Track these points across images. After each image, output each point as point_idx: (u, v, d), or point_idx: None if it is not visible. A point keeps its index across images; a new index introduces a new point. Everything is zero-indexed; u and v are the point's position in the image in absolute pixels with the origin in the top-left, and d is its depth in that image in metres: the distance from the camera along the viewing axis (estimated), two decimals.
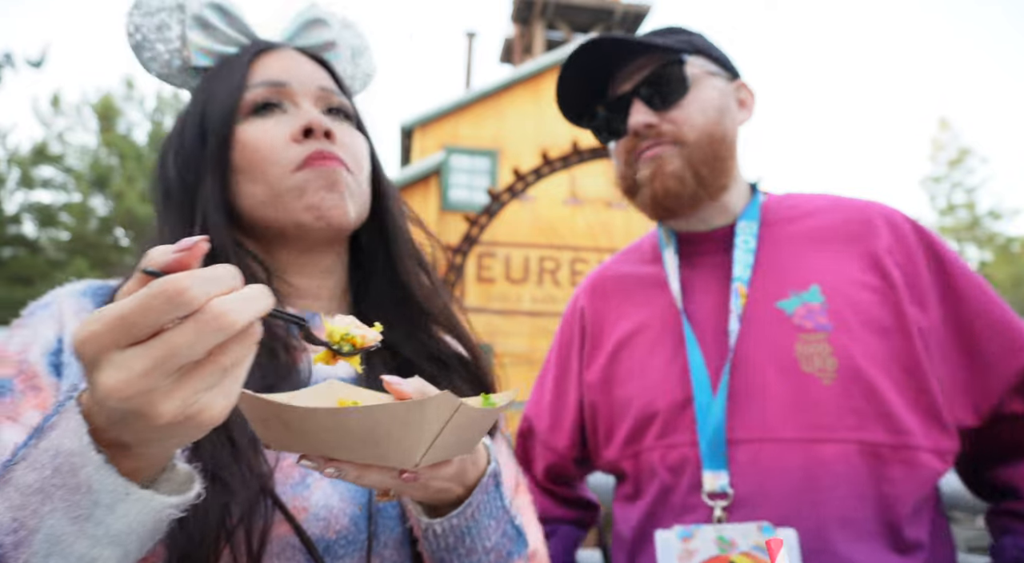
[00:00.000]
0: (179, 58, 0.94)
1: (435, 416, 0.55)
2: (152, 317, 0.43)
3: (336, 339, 0.61)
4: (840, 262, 1.15)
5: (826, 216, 1.22)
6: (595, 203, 12.63)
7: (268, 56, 0.91)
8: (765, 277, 1.17)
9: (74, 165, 20.12)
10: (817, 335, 1.09)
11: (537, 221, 12.41)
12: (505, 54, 22.14)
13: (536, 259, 12.48)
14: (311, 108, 0.88)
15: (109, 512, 0.49)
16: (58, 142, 19.97)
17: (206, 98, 0.88)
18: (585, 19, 19.11)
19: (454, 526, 0.70)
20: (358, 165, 0.90)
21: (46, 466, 0.49)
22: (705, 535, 1.03)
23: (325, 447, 0.57)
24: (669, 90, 1.19)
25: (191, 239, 0.46)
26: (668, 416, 1.16)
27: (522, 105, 13.16)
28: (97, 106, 20.22)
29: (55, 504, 0.48)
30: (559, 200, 12.57)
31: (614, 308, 1.33)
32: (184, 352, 0.44)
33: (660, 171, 1.18)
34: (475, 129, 13.02)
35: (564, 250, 12.58)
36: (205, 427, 0.47)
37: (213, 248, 0.82)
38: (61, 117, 20.11)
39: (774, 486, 1.04)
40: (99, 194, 20.21)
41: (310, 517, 0.73)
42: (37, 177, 19.72)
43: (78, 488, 0.48)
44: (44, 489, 0.49)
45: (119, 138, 20.05)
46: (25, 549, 0.49)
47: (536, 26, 19.09)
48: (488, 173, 12.83)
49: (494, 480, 0.74)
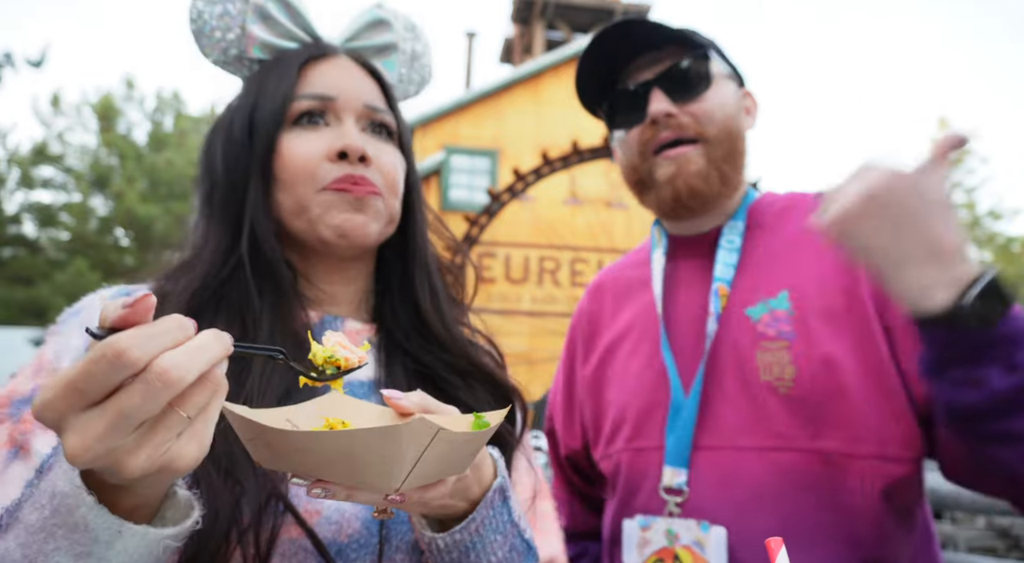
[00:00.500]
0: (237, 48, 0.94)
1: (412, 441, 0.54)
2: (98, 382, 0.43)
3: (319, 361, 0.62)
4: (815, 265, 1.12)
5: (803, 217, 1.18)
6: (595, 203, 12.63)
7: (320, 64, 0.91)
8: (743, 281, 1.16)
9: (74, 165, 20.12)
10: (778, 343, 1.08)
11: (537, 221, 12.42)
12: (505, 54, 22.15)
13: (536, 259, 12.49)
14: (352, 127, 0.89)
15: (108, 548, 0.51)
16: (58, 142, 19.97)
17: (256, 97, 0.89)
18: (585, 19, 19.11)
19: (457, 541, 0.70)
20: (390, 187, 0.90)
21: (45, 507, 0.50)
22: (658, 527, 1.08)
23: (309, 468, 0.57)
24: (691, 82, 1.16)
25: (137, 294, 0.45)
26: (638, 419, 1.17)
27: (522, 105, 13.17)
28: (97, 106, 20.22)
29: (58, 543, 0.50)
30: (559, 200, 12.57)
31: (609, 311, 1.34)
32: (136, 412, 0.43)
33: (684, 171, 1.15)
34: (475, 129, 13.02)
35: (564, 250, 12.58)
36: (181, 472, 0.47)
37: (264, 260, 0.84)
38: (61, 117, 20.11)
39: (729, 492, 1.04)
40: (99, 194, 20.21)
41: (322, 520, 0.73)
42: (37, 177, 19.72)
43: (76, 527, 0.50)
44: (46, 528, 0.50)
45: (119, 138, 20.05)
46: None
47: (536, 26, 19.10)
48: (488, 173, 12.83)
49: (501, 495, 0.74)
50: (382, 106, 0.93)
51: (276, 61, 0.91)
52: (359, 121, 0.90)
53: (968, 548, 7.34)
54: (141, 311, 0.45)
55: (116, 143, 19.64)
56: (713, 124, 1.15)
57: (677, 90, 1.16)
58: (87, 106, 20.16)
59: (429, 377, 0.90)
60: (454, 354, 0.92)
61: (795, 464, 1.02)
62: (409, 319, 0.93)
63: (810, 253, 1.14)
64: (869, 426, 1.01)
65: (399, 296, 0.95)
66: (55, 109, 19.74)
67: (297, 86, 0.88)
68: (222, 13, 0.93)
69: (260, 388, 0.75)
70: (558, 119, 12.64)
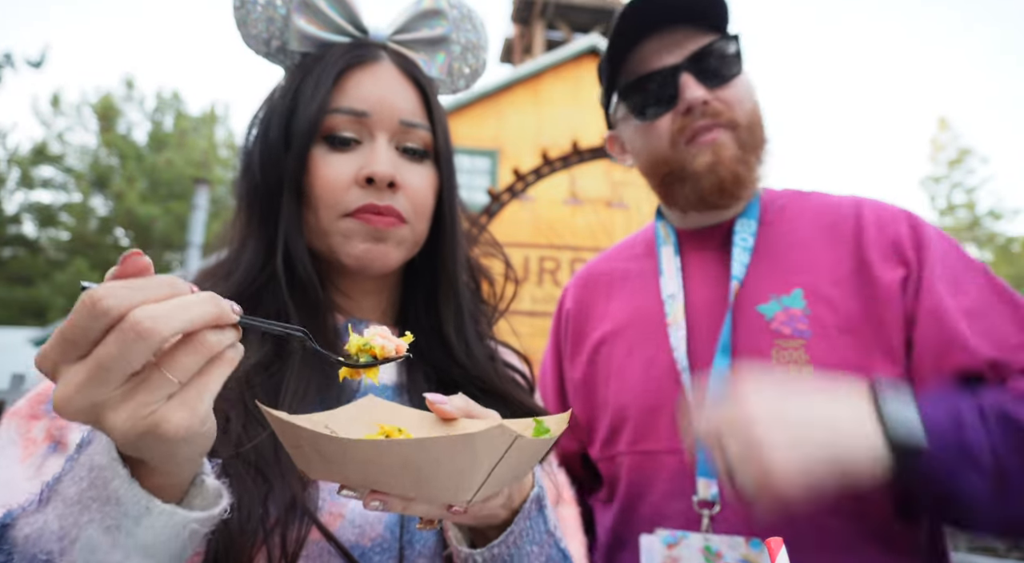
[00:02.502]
0: (279, 39, 0.91)
1: (489, 449, 0.51)
2: (79, 331, 0.43)
3: (354, 350, 0.59)
4: (828, 263, 1.09)
5: (819, 216, 1.15)
6: (595, 203, 12.63)
7: (358, 73, 0.87)
8: (755, 279, 1.11)
9: (74, 165, 20.12)
10: (794, 342, 1.04)
11: (537, 221, 12.42)
12: (505, 54, 22.15)
13: (536, 259, 12.49)
14: (384, 148, 0.86)
15: (136, 524, 0.51)
16: (58, 142, 19.97)
17: (294, 102, 0.87)
18: (585, 19, 19.11)
19: (495, 555, 0.69)
20: (418, 212, 0.89)
21: (83, 479, 0.51)
22: (691, 543, 1.00)
23: (366, 478, 0.53)
24: (723, 66, 1.09)
25: (129, 253, 0.46)
26: (642, 420, 1.11)
27: (522, 105, 13.17)
28: (97, 106, 20.22)
29: (91, 515, 0.51)
30: (559, 200, 12.57)
31: (599, 305, 1.28)
32: (113, 363, 0.43)
33: (722, 156, 1.08)
34: (475, 129, 13.02)
35: (564, 250, 12.58)
36: (169, 439, 0.46)
37: (298, 277, 0.84)
38: (61, 117, 20.11)
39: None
40: (99, 194, 20.21)
41: (345, 524, 0.73)
42: (37, 177, 19.72)
43: (108, 500, 0.51)
44: (82, 500, 0.51)
45: (119, 138, 20.04)
46: (68, 557, 0.51)
47: (536, 26, 19.10)
48: (488, 173, 12.84)
49: (537, 504, 0.73)
50: (419, 121, 0.89)
51: (316, 61, 0.88)
52: (393, 139, 0.88)
53: (968, 548, 7.35)
54: (131, 268, 0.45)
55: (116, 143, 19.63)
56: (744, 112, 1.10)
57: (708, 74, 1.09)
58: (87, 106, 20.16)
59: (451, 383, 0.89)
60: (473, 375, 0.91)
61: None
62: (432, 332, 0.93)
63: (821, 252, 1.10)
64: None
65: (424, 311, 0.94)
66: (55, 109, 19.74)
67: (332, 97, 0.85)
68: (267, 3, 0.90)
69: (297, 391, 0.75)
70: (558, 119, 12.64)
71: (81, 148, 20.01)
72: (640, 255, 1.29)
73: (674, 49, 1.10)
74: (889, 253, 1.06)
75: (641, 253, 1.29)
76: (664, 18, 1.11)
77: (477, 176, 12.79)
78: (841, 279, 1.07)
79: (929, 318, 1.00)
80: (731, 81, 1.10)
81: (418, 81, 0.90)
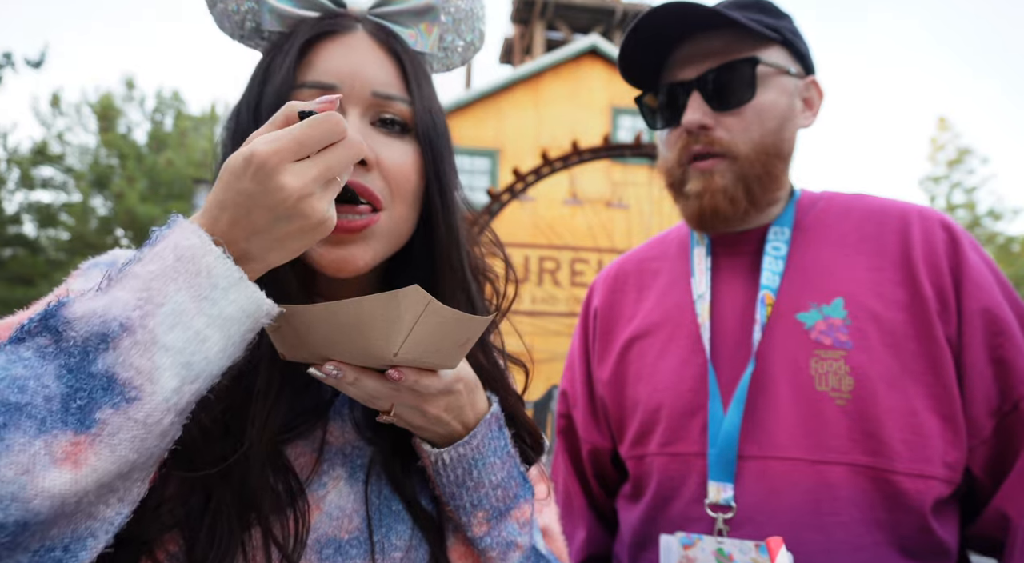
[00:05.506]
0: (253, 19, 0.84)
1: (408, 307, 0.62)
2: (317, 139, 0.58)
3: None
4: (871, 273, 1.07)
5: (860, 222, 1.13)
6: (595, 203, 12.63)
7: (327, 43, 0.79)
8: (791, 286, 1.09)
9: (74, 165, 20.13)
10: (835, 352, 1.02)
11: (537, 221, 12.42)
12: (505, 54, 22.16)
13: (536, 259, 12.50)
14: (357, 122, 0.77)
15: (224, 295, 0.57)
16: (58, 142, 19.97)
17: (261, 84, 0.79)
18: (585, 19, 19.12)
19: (461, 456, 0.74)
20: (396, 192, 0.77)
21: (168, 257, 0.56)
22: (705, 546, 1.01)
23: (322, 346, 0.64)
24: (733, 91, 1.07)
25: (331, 97, 0.62)
26: (673, 422, 1.10)
27: (522, 105, 13.17)
28: (97, 106, 20.22)
29: (179, 285, 0.55)
30: (559, 200, 12.57)
31: (629, 303, 1.26)
32: (337, 165, 0.60)
33: (710, 187, 1.08)
34: (475, 129, 13.02)
35: (564, 250, 12.58)
36: (328, 229, 0.61)
37: (277, 277, 0.78)
38: (61, 117, 20.11)
39: (778, 506, 1.00)
40: (99, 194, 20.21)
41: (323, 516, 0.73)
42: (37, 177, 19.72)
43: (199, 273, 0.56)
44: (167, 274, 0.55)
45: (119, 138, 20.04)
46: (152, 320, 0.54)
47: (536, 26, 19.10)
48: (488, 173, 12.84)
49: (497, 421, 0.78)
50: (396, 93, 0.79)
51: (283, 38, 0.80)
52: (366, 113, 0.78)
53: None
54: (328, 105, 0.62)
55: (116, 143, 19.62)
56: (748, 142, 1.08)
57: (717, 96, 1.07)
58: (87, 106, 20.15)
59: None
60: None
61: (846, 478, 0.99)
62: None
63: (863, 261, 1.08)
64: (925, 445, 0.99)
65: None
66: (55, 109, 19.73)
67: (298, 71, 0.77)
68: None
69: (268, 394, 0.73)
70: (558, 119, 12.65)
71: (81, 148, 20.00)
72: (673, 255, 1.27)
73: (699, 61, 1.09)
74: (930, 261, 1.06)
75: (674, 253, 1.27)
76: (701, 24, 1.09)
77: (477, 176, 12.79)
78: (885, 288, 1.05)
79: (975, 353, 1.02)
80: (740, 107, 1.07)
81: (395, 52, 0.81)
